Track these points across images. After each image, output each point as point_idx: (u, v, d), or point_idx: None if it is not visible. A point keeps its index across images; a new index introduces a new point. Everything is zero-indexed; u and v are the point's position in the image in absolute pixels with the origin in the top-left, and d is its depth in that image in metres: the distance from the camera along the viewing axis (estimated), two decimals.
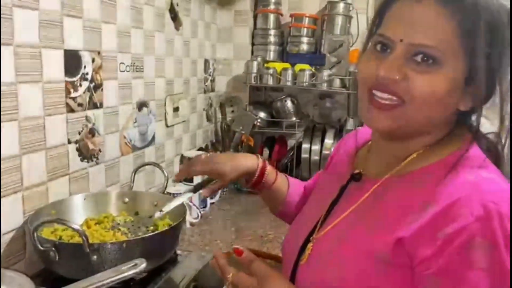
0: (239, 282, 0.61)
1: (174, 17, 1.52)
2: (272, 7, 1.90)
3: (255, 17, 1.96)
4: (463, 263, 0.51)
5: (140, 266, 0.62)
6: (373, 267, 0.56)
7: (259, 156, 0.87)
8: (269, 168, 0.85)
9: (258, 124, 1.87)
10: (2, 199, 0.85)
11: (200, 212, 1.49)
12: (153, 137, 1.45)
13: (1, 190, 0.85)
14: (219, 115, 1.96)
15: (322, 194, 0.73)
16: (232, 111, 1.98)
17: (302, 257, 0.66)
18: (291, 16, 1.91)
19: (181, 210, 1.00)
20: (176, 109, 1.59)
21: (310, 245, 0.66)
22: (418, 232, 0.53)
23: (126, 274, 0.62)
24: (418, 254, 0.53)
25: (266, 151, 1.89)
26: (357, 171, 0.67)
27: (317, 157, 1.77)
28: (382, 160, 0.65)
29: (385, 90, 0.57)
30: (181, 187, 1.50)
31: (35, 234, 0.75)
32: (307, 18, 1.87)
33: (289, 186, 0.87)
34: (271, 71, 1.78)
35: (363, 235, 0.59)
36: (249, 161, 0.83)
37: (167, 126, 1.55)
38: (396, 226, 0.55)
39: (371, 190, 0.62)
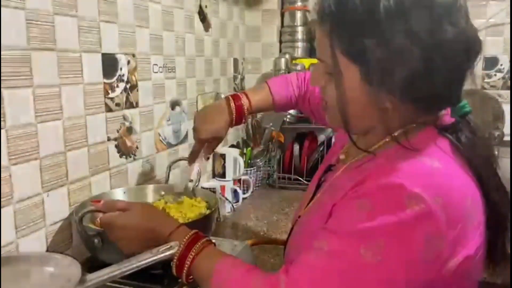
0: (105, 220, 0.75)
1: (203, 19, 1.58)
2: (299, 4, 1.93)
3: (282, 15, 1.99)
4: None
5: (175, 247, 0.67)
6: None
7: (230, 99, 1.01)
8: (244, 101, 1.01)
9: (287, 120, 1.90)
10: (50, 192, 0.93)
11: (233, 206, 1.54)
12: (186, 135, 1.51)
13: (50, 183, 0.93)
14: None
15: (315, 178, 0.85)
16: None
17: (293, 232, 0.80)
18: None
19: (215, 200, 1.05)
20: None
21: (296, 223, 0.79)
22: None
23: (162, 255, 0.67)
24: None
25: (296, 147, 1.92)
26: (342, 156, 0.76)
27: None
28: (358, 150, 0.71)
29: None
30: (214, 182, 1.55)
31: (80, 223, 0.81)
32: None
33: (272, 94, 1.04)
34: (299, 67, 1.81)
35: (317, 216, 0.68)
36: (225, 118, 1.00)
37: None
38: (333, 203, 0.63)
39: (335, 176, 0.73)
